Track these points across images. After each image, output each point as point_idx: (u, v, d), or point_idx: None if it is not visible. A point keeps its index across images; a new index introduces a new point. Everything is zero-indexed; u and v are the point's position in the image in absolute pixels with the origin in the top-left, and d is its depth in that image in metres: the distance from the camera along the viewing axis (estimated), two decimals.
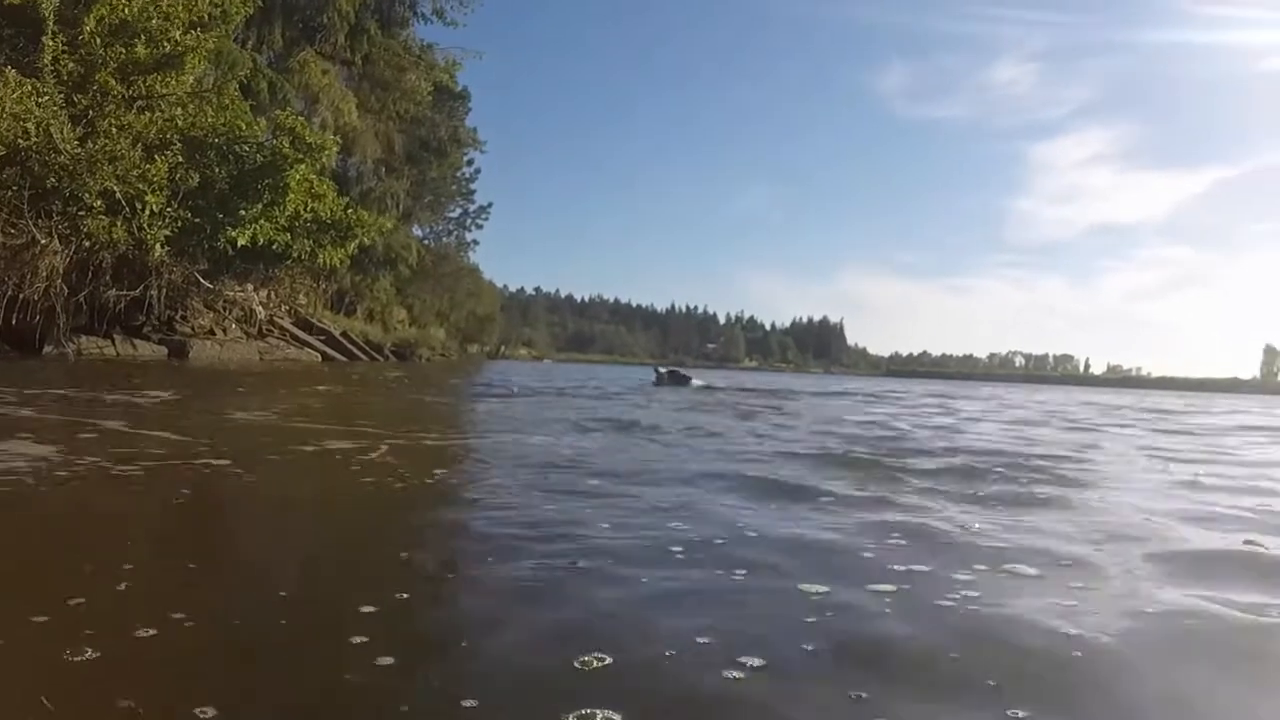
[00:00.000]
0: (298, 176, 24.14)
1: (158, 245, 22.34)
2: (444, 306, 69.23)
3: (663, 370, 29.68)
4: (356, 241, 26.96)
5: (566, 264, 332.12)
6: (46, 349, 21.95)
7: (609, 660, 2.37)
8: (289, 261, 26.10)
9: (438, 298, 66.83)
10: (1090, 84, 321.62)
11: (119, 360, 22.59)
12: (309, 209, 24.91)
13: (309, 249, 25.29)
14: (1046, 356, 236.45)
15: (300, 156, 24.19)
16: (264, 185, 23.81)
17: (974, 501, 5.47)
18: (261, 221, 23.80)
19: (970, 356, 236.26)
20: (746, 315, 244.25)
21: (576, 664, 2.35)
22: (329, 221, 25.55)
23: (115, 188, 21.35)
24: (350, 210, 26.51)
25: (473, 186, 68.29)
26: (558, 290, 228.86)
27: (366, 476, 5.60)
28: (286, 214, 24.24)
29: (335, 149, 27.26)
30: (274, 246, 24.39)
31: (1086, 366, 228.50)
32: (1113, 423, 16.50)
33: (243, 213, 23.45)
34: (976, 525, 4.56)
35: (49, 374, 15.25)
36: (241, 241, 23.56)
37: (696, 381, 27.43)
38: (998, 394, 40.42)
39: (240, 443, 7.11)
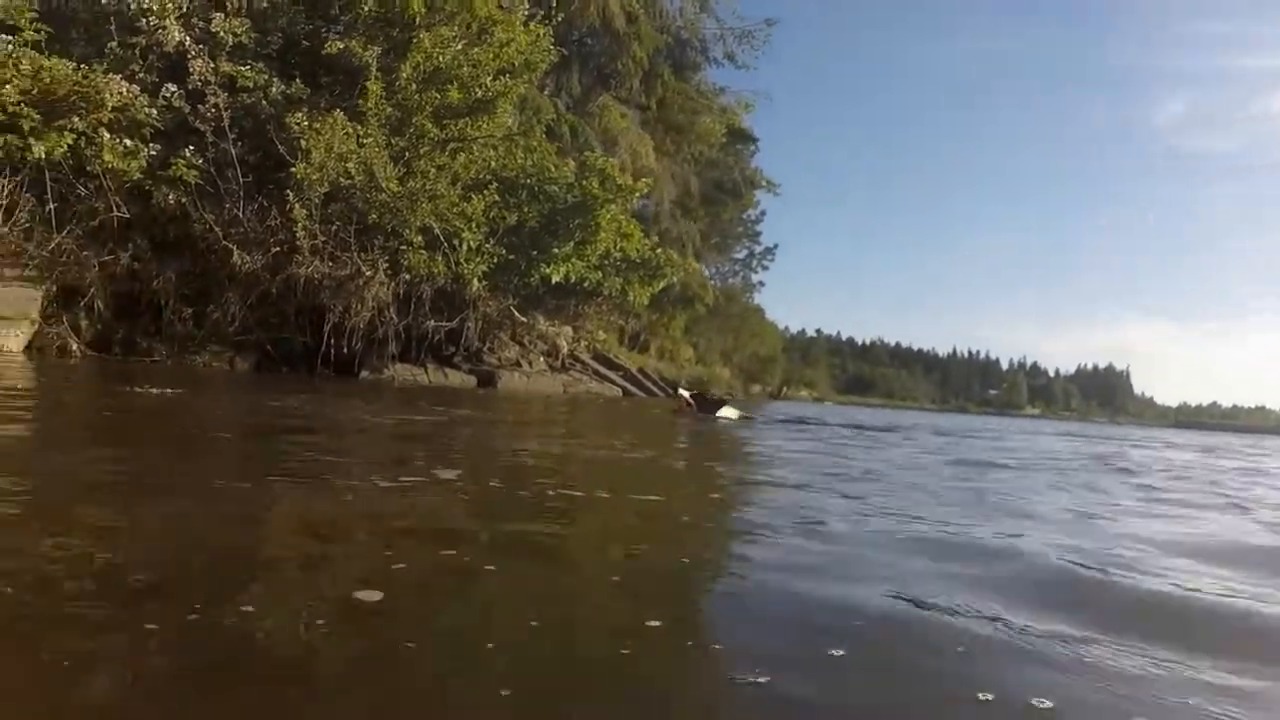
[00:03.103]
0: (608, 216, 24.71)
1: (475, 280, 23.21)
2: (729, 346, 69.58)
3: (686, 392, 20.35)
4: (665, 281, 27.38)
5: (848, 307, 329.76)
6: (363, 374, 23.03)
7: None
8: (599, 299, 26.71)
9: (723, 337, 67.27)
10: None
11: (436, 387, 23.44)
12: (618, 248, 25.45)
13: (619, 287, 25.82)
14: None
15: (610, 197, 24.72)
16: (575, 224, 24.49)
17: None
18: (573, 259, 24.43)
19: (1262, 408, 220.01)
20: (1029, 361, 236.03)
21: None
22: (637, 261, 26.03)
23: (434, 224, 22.27)
24: (659, 250, 26.97)
25: (758, 228, 68.71)
26: (839, 333, 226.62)
27: None
28: (598, 253, 24.84)
29: (645, 190, 27.74)
30: (585, 284, 25.01)
31: None
32: None
33: (555, 250, 24.14)
34: None
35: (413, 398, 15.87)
36: (555, 278, 24.25)
37: (730, 412, 19.26)
38: None
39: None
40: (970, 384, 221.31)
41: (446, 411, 13.74)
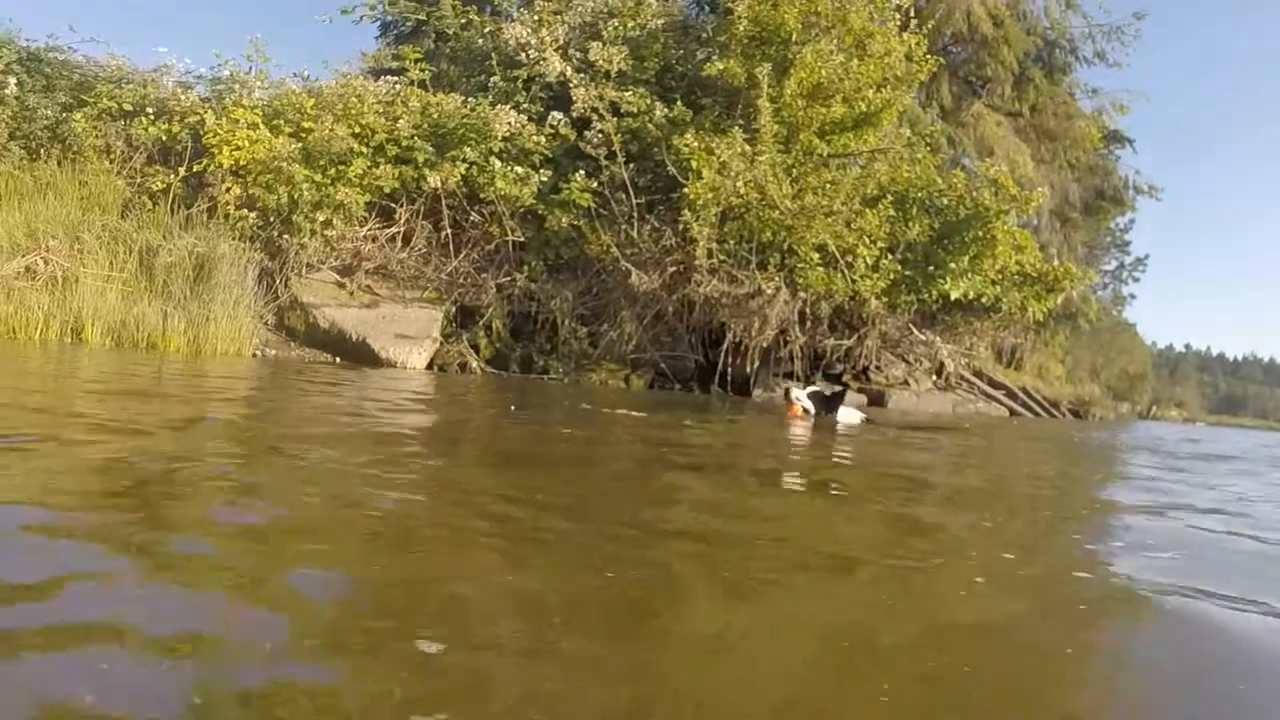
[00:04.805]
0: (1003, 229, 23.73)
1: (873, 297, 22.79)
2: (1098, 363, 66.19)
3: (802, 392, 14.32)
4: (1063, 295, 26.03)
5: (1218, 319, 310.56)
6: (756, 393, 23.03)
7: None
8: (998, 315, 25.68)
9: (1092, 354, 64.02)
10: None
11: None
12: (1015, 261, 24.36)
13: (1019, 302, 24.72)
14: None
15: (1004, 208, 23.73)
16: (969, 238, 23.62)
17: None
18: (970, 274, 23.58)
19: None
20: None
21: None
22: (1034, 274, 24.84)
23: (829, 241, 22.00)
24: (1056, 263, 25.64)
25: (1128, 237, 64.77)
26: (1208, 348, 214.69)
27: None
28: (995, 267, 23.86)
29: (1041, 200, 26.51)
30: (982, 299, 24.08)
31: None
32: None
33: (952, 265, 23.36)
34: None
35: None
36: (954, 294, 23.47)
37: (851, 415, 14.53)
38: None
39: None
40: None
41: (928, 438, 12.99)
